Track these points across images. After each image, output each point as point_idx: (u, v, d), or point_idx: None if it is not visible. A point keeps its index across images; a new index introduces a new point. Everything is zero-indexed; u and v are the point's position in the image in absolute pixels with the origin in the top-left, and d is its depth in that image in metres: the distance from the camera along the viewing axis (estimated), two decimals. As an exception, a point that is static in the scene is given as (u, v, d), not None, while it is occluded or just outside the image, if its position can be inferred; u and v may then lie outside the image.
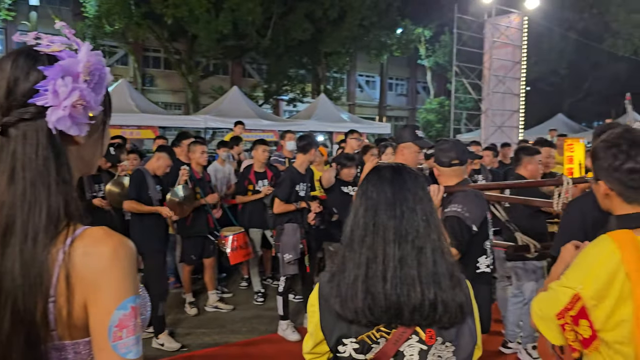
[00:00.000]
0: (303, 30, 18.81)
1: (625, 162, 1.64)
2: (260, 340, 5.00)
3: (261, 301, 6.05)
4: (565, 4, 22.20)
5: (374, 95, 33.41)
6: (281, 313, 5.04)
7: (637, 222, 1.64)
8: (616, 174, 1.68)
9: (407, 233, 1.40)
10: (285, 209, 4.94)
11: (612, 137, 1.70)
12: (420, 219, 1.42)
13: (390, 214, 1.41)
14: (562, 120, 20.79)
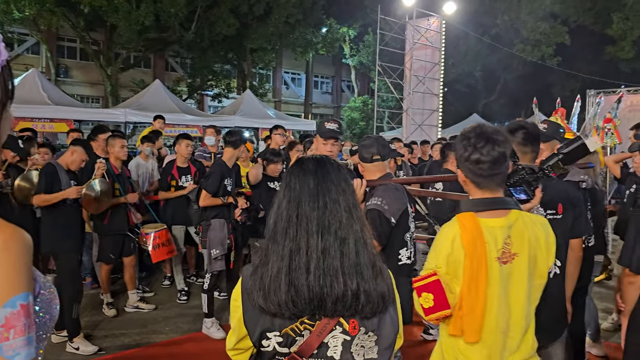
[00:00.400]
0: (228, 25, 18.53)
1: (472, 153, 1.90)
2: (184, 339, 4.90)
3: (184, 299, 5.92)
4: (480, 10, 23.37)
5: (299, 93, 33.54)
6: (206, 311, 4.96)
7: (481, 206, 1.92)
8: (466, 163, 1.94)
9: (330, 224, 1.41)
10: (212, 202, 4.85)
11: (465, 131, 1.97)
12: (343, 210, 1.43)
13: (313, 205, 1.42)
14: (477, 120, 21.85)
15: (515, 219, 1.94)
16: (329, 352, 1.41)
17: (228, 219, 4.94)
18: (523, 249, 1.91)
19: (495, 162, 1.89)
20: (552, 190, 2.64)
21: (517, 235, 1.92)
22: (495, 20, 24.25)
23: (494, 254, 1.88)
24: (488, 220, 1.91)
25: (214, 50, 20.81)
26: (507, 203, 1.97)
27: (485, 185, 1.95)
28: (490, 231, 1.90)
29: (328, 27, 24.07)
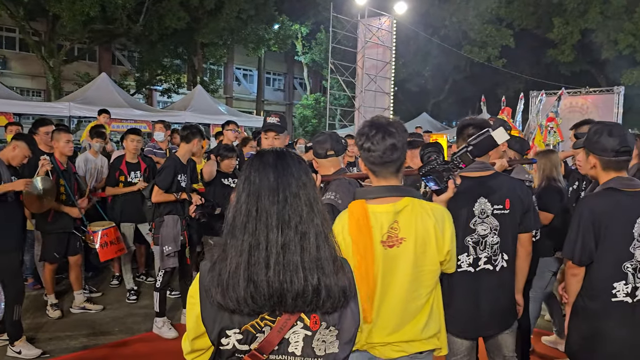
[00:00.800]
0: (178, 18, 18.11)
1: (364, 142, 2.03)
2: (134, 340, 4.76)
3: (134, 299, 5.75)
4: (430, 11, 23.89)
5: (251, 89, 33.25)
6: (157, 310, 4.83)
7: (371, 194, 2.04)
8: (362, 152, 2.07)
9: (290, 219, 1.38)
10: (164, 198, 4.73)
11: (364, 122, 2.10)
12: (303, 205, 1.41)
13: (273, 199, 1.39)
14: (427, 118, 22.34)
15: (404, 206, 2.03)
16: (290, 348, 1.40)
17: (182, 215, 4.83)
18: (410, 235, 2.01)
19: (386, 151, 2.00)
20: (499, 186, 2.74)
21: (404, 221, 2.01)
22: (444, 22, 24.84)
23: (378, 237, 2.00)
24: (375, 206, 2.03)
25: (163, 44, 20.30)
26: (401, 191, 2.06)
27: (380, 174, 2.07)
28: (376, 216, 2.00)
29: (280, 24, 23.94)
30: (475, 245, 2.71)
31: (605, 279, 2.46)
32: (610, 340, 2.46)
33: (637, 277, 2.44)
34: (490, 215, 2.71)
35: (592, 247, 2.45)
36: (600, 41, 22.12)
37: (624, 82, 20.90)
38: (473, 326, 2.79)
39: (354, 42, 17.83)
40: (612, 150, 2.45)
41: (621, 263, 2.43)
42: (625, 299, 2.43)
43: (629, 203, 2.45)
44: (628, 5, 21.02)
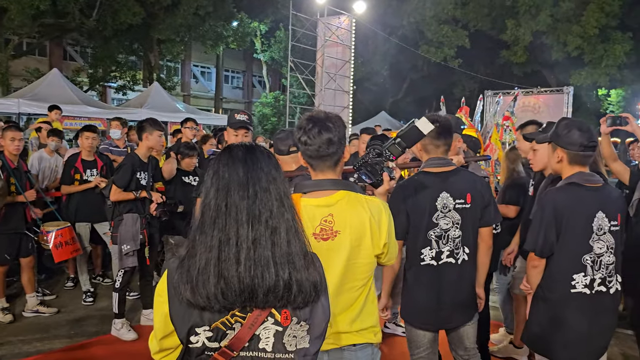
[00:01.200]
0: (133, 14, 17.64)
1: (302, 135, 2.03)
2: (91, 342, 4.62)
3: (90, 301, 5.58)
4: (388, 11, 24.17)
5: (209, 87, 32.81)
6: (116, 311, 4.70)
7: (306, 187, 2.04)
8: (300, 146, 2.08)
9: (260, 213, 1.37)
10: (123, 197, 4.60)
11: (302, 116, 2.10)
12: (274, 199, 1.40)
13: (243, 194, 1.37)
14: (385, 117, 22.65)
15: (338, 200, 2.02)
16: (261, 344, 1.39)
17: (142, 213, 4.72)
18: (345, 228, 2.00)
19: (322, 145, 2.00)
20: (461, 181, 2.81)
21: (339, 214, 2.01)
22: (402, 22, 25.19)
23: (310, 230, 1.98)
24: (310, 199, 2.02)
25: (117, 40, 19.74)
26: (338, 184, 2.06)
27: (317, 167, 2.06)
28: (308, 209, 2.00)
29: (239, 21, 23.70)
30: (438, 239, 2.76)
31: (565, 271, 2.54)
32: (568, 329, 2.54)
33: (595, 269, 2.51)
34: (452, 209, 2.77)
35: (553, 240, 2.52)
36: (550, 43, 22.93)
37: (573, 82, 21.77)
38: (436, 318, 2.85)
39: (314, 40, 17.86)
40: (581, 145, 2.53)
41: (581, 255, 2.50)
42: (584, 290, 2.51)
43: (589, 198, 2.53)
44: (576, 9, 21.88)
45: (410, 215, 2.76)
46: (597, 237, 2.51)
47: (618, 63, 21.79)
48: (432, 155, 2.84)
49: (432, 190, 2.75)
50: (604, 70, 21.91)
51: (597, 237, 2.51)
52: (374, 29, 21.95)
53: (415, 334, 2.91)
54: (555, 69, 24.94)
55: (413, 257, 2.80)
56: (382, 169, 2.24)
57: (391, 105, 29.20)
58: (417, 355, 2.93)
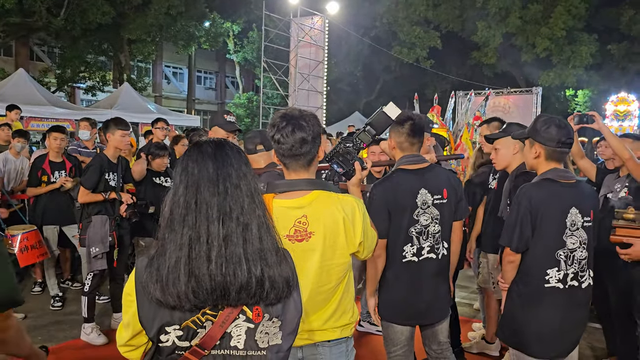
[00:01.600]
0: (103, 13, 17.31)
1: (275, 134, 1.98)
2: (60, 348, 4.50)
3: (59, 306, 5.44)
4: (361, 12, 24.29)
5: (181, 88, 32.46)
6: (85, 315, 4.60)
7: (280, 187, 2.01)
8: (274, 144, 2.02)
9: (231, 210, 1.35)
10: (91, 198, 4.50)
11: (276, 113, 2.06)
12: (244, 195, 1.38)
13: (213, 190, 1.35)
14: (359, 117, 22.74)
15: (311, 200, 1.99)
16: (232, 342, 1.37)
17: (112, 215, 4.62)
18: (319, 229, 1.98)
19: (295, 144, 1.96)
20: (437, 177, 2.86)
21: (313, 215, 1.98)
22: (374, 23, 25.34)
23: (285, 232, 1.96)
24: (283, 201, 1.99)
25: (86, 40, 19.35)
26: (311, 183, 2.03)
27: (290, 166, 2.03)
28: (281, 211, 1.97)
29: (211, 21, 23.50)
30: (419, 235, 2.80)
31: (539, 266, 2.57)
32: (542, 323, 2.58)
33: (568, 264, 2.56)
34: (431, 205, 2.81)
35: (528, 235, 2.56)
36: (519, 45, 23.38)
37: (542, 83, 22.24)
38: (416, 313, 2.89)
39: (287, 41, 17.84)
40: (559, 142, 2.58)
41: (554, 251, 2.54)
42: (557, 284, 2.55)
43: (564, 194, 2.58)
44: (544, 11, 22.37)
45: (392, 214, 2.78)
46: (570, 232, 2.55)
47: (584, 64, 22.33)
48: (407, 153, 2.87)
49: (412, 187, 2.79)
50: (571, 71, 22.43)
51: (571, 232, 2.55)
52: (347, 30, 22.04)
53: (393, 331, 2.92)
54: (524, 70, 25.42)
55: (394, 254, 2.82)
56: (354, 159, 2.24)
57: (365, 105, 29.34)
58: (394, 353, 2.95)
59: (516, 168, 3.43)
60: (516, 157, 3.45)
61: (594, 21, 23.28)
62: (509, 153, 3.47)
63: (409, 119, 2.84)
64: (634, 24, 21.76)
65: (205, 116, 32.88)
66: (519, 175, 3.35)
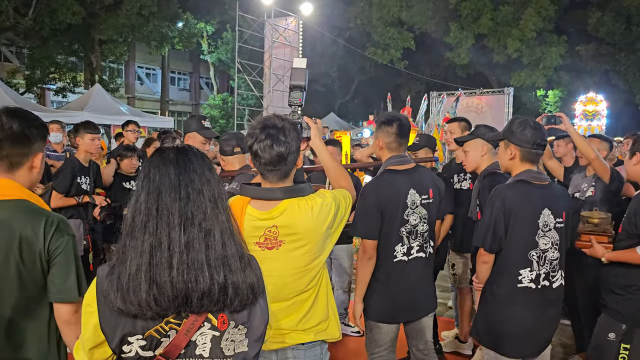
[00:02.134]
0: (73, 13, 16.98)
1: (253, 144, 1.99)
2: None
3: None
4: (335, 13, 24.37)
5: (155, 89, 32.06)
6: None
7: (255, 194, 2.02)
8: (251, 154, 2.02)
9: (193, 216, 1.33)
10: (64, 203, 4.47)
11: (258, 119, 2.08)
12: (207, 201, 1.37)
13: (175, 196, 1.34)
14: (334, 118, 22.81)
15: (282, 211, 1.98)
16: (198, 351, 1.35)
17: (85, 219, 4.59)
18: (289, 237, 2.00)
19: (272, 160, 1.95)
20: (423, 178, 2.94)
21: (282, 225, 1.98)
22: (348, 24, 25.45)
23: (254, 239, 1.98)
24: (255, 210, 1.99)
25: (56, 40, 18.96)
26: (285, 192, 2.01)
27: (267, 178, 2.03)
28: (251, 220, 1.98)
29: (184, 22, 23.28)
30: (409, 235, 2.86)
31: (512, 266, 2.60)
32: (515, 323, 2.61)
33: (540, 265, 2.59)
34: (419, 205, 2.88)
35: (502, 235, 2.58)
36: (491, 46, 23.75)
37: (513, 83, 22.64)
38: (406, 310, 2.96)
39: (261, 41, 17.79)
40: (534, 143, 2.62)
41: (527, 251, 2.58)
42: (530, 284, 2.58)
43: (536, 195, 2.61)
44: (515, 13, 22.77)
45: (384, 215, 2.81)
46: (542, 233, 2.58)
47: (554, 65, 22.81)
48: (395, 153, 2.92)
49: (402, 188, 2.85)
50: (542, 72, 22.88)
51: (543, 233, 2.58)
52: (321, 31, 22.08)
53: (379, 332, 2.95)
54: (496, 71, 25.84)
55: (385, 255, 2.85)
56: (301, 121, 2.30)
57: (340, 106, 29.45)
58: (377, 354, 2.98)
59: (484, 169, 3.49)
60: (484, 159, 3.51)
61: (562, 23, 23.81)
62: (477, 155, 3.53)
63: (397, 120, 2.91)
64: (601, 26, 22.33)
65: (179, 117, 32.61)
66: (486, 175, 3.42)
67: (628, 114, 23.35)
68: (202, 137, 3.44)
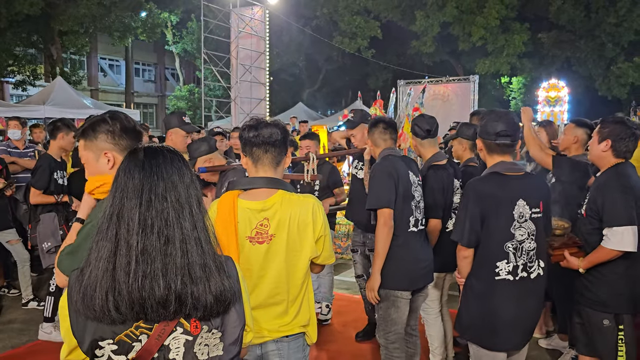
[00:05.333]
0: (30, 3, 16.42)
1: (249, 131, 2.13)
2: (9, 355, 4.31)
3: (-5, 315, 5.20)
4: (301, 2, 24.22)
5: (119, 81, 31.38)
6: (49, 315, 4.53)
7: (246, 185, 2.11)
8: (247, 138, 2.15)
9: (152, 223, 1.30)
10: (43, 200, 4.56)
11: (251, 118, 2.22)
12: (170, 207, 1.32)
13: (136, 202, 1.31)
14: (303, 108, 22.74)
15: (274, 202, 2.05)
16: (171, 355, 1.34)
17: (61, 211, 4.66)
18: (281, 231, 2.04)
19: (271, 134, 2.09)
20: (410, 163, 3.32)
21: (273, 217, 2.04)
22: (315, 13, 25.33)
23: (247, 233, 2.03)
24: (246, 202, 2.05)
25: (14, 32, 18.31)
26: (273, 183, 2.09)
27: (259, 161, 2.12)
28: (244, 212, 2.03)
29: (148, 12, 22.76)
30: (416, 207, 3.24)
31: (489, 259, 2.58)
32: (496, 316, 2.59)
33: (517, 256, 2.56)
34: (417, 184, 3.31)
35: (478, 229, 2.56)
36: (456, 34, 24.02)
37: (478, 70, 22.99)
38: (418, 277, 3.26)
39: (227, 31, 17.57)
40: (494, 134, 2.61)
41: (503, 243, 2.55)
42: (507, 276, 2.56)
43: (510, 186, 2.59)
44: (479, 1, 23.07)
45: (398, 186, 3.10)
46: (518, 224, 2.55)
47: (517, 52, 23.23)
48: (385, 147, 3.33)
49: (405, 167, 3.22)
50: (506, 59, 23.27)
51: (519, 224, 2.55)
52: (287, 20, 21.93)
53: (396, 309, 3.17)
54: (461, 58, 26.16)
55: (402, 225, 3.14)
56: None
57: (308, 95, 29.37)
58: (394, 332, 3.21)
59: (426, 161, 3.70)
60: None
61: (525, 10, 24.21)
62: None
63: (381, 120, 3.43)
64: (561, 13, 22.80)
65: (145, 109, 32.02)
66: (430, 167, 3.58)
67: (588, 99, 24.02)
68: (184, 132, 3.64)
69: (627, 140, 2.93)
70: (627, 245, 2.79)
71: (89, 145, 1.99)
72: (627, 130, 2.93)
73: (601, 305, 2.93)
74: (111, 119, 2.00)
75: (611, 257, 2.84)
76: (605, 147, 2.96)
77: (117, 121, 1.99)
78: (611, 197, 2.85)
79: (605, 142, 2.96)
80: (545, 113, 18.68)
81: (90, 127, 2.00)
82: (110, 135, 1.97)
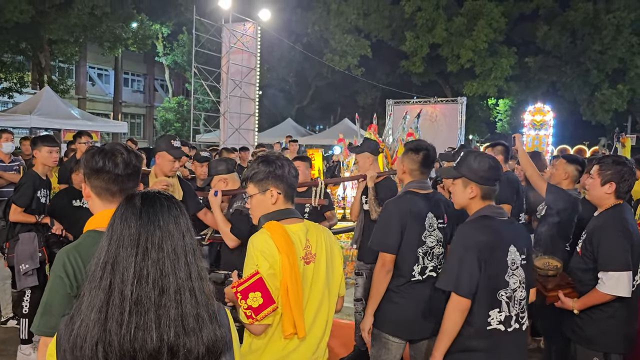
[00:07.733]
0: (20, 11, 16.33)
1: (276, 169, 2.22)
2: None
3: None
4: (293, 19, 24.42)
5: (107, 90, 31.19)
6: (25, 337, 4.38)
7: (281, 215, 2.18)
8: (279, 175, 2.23)
9: (148, 273, 1.29)
10: (24, 218, 4.37)
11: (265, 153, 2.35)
12: (166, 257, 1.31)
13: (131, 251, 1.29)
14: (291, 124, 22.80)
15: (308, 227, 2.21)
16: None
17: (41, 231, 4.50)
18: (321, 250, 2.19)
19: (297, 177, 2.26)
20: (440, 202, 3.13)
21: (313, 238, 2.19)
22: (306, 30, 25.56)
23: (300, 253, 2.12)
24: (290, 226, 2.15)
25: (2, 39, 18.18)
26: (298, 214, 2.25)
27: (289, 197, 2.23)
28: (294, 234, 2.12)
29: (139, 23, 22.74)
30: (424, 255, 2.99)
31: (482, 307, 2.41)
32: None
33: (511, 305, 2.42)
34: (436, 228, 3.03)
35: (477, 277, 2.38)
36: (445, 55, 24.37)
37: (466, 92, 23.32)
38: (416, 328, 3.02)
39: (218, 46, 17.59)
40: (494, 180, 2.51)
41: (497, 291, 2.41)
42: (499, 326, 2.41)
43: (503, 232, 2.47)
44: (468, 24, 23.48)
45: (405, 231, 2.92)
46: (511, 271, 2.42)
47: (505, 75, 23.64)
48: (417, 179, 3.09)
49: (425, 208, 2.98)
50: (493, 82, 23.66)
51: (512, 271, 2.42)
52: (279, 37, 22.06)
53: (387, 350, 2.98)
54: (450, 80, 26.53)
55: (403, 270, 2.94)
56: None
57: (297, 111, 29.47)
58: None
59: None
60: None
61: (512, 35, 24.70)
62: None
63: (424, 149, 3.08)
64: (548, 39, 23.28)
65: (133, 120, 31.85)
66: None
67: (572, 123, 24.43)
68: (171, 156, 3.58)
69: (629, 180, 2.95)
70: (622, 291, 2.78)
71: None
72: (629, 170, 2.95)
73: (591, 343, 2.94)
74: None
75: (605, 300, 2.85)
76: (609, 189, 2.94)
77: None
78: (608, 240, 2.85)
79: (609, 185, 2.94)
80: (530, 136, 18.92)
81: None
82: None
